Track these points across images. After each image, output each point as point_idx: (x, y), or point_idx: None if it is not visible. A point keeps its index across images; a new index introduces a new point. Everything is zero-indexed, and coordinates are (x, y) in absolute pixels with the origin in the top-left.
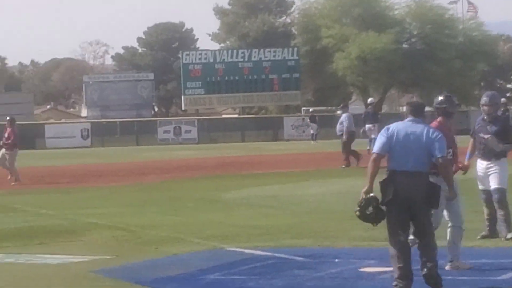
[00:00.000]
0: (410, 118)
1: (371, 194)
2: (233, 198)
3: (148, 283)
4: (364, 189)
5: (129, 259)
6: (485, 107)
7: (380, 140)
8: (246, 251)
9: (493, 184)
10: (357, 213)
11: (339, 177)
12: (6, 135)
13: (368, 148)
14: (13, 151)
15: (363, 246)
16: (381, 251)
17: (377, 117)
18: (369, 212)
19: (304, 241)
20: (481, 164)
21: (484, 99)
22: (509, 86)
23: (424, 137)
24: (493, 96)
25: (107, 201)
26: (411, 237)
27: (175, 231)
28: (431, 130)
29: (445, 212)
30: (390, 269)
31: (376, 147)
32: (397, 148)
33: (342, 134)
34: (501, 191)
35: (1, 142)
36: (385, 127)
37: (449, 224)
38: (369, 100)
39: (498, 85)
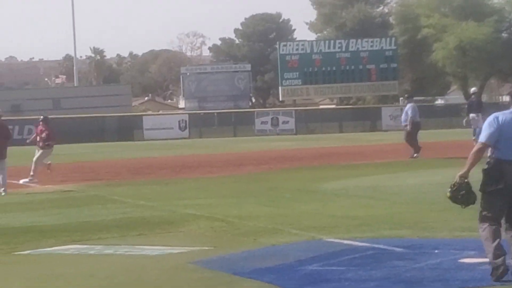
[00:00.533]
0: None
1: (466, 180)
2: (331, 188)
3: (246, 274)
4: (461, 173)
5: (227, 250)
6: None
7: (488, 130)
8: (345, 242)
9: None
10: (448, 194)
11: (438, 167)
12: (44, 135)
13: (473, 138)
14: (49, 149)
15: (463, 236)
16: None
17: (481, 107)
18: (461, 195)
19: (403, 231)
20: None
21: None
22: None
23: None
24: None
25: (205, 192)
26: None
27: (273, 222)
28: None
29: None
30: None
31: (483, 137)
32: (506, 138)
33: (406, 125)
34: None
35: (41, 143)
36: (494, 117)
37: None
38: (472, 89)
39: None
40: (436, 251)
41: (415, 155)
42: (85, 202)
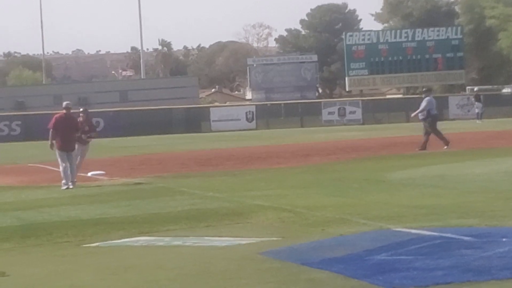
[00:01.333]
0: None
1: None
2: (399, 178)
3: (315, 264)
4: None
5: (296, 240)
6: None
7: None
8: (413, 231)
9: None
10: None
11: (506, 156)
12: (86, 128)
13: None
14: (89, 143)
15: None
16: None
17: None
18: None
19: (471, 220)
20: None
21: None
22: None
23: None
24: None
25: (272, 183)
26: None
27: (341, 212)
28: None
29: None
30: None
31: None
32: None
33: (424, 118)
34: None
35: (83, 135)
36: None
37: None
38: None
39: None
40: (504, 239)
41: (445, 147)
42: (153, 194)
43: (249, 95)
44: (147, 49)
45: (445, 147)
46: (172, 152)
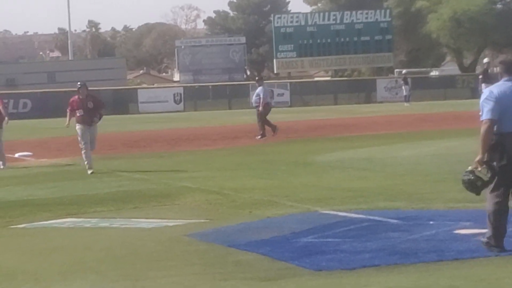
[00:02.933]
0: (507, 77)
1: (483, 167)
2: (326, 161)
3: (242, 246)
4: (478, 159)
5: (223, 222)
6: None
7: (488, 105)
8: (340, 213)
9: None
10: (466, 184)
11: (433, 139)
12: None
13: None
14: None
15: (458, 207)
16: (476, 212)
17: (492, 78)
18: (479, 184)
19: (398, 203)
20: None
21: None
22: None
23: None
24: None
25: (200, 165)
26: None
27: (269, 194)
28: None
29: None
30: (485, 231)
31: (487, 113)
32: (507, 110)
33: (257, 106)
34: None
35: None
36: (489, 91)
37: None
38: (485, 60)
39: None
40: (431, 222)
41: (258, 137)
42: (81, 175)
43: (177, 77)
44: (75, 30)
45: (259, 137)
46: (99, 133)
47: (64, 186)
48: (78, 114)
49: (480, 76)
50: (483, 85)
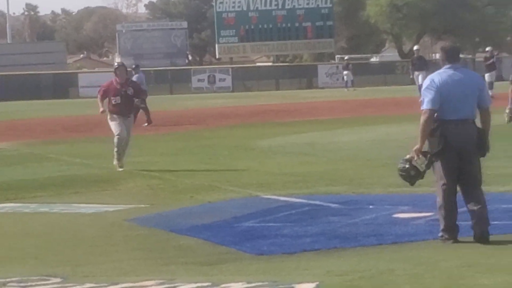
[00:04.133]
0: (448, 65)
1: (420, 156)
2: (268, 146)
3: (183, 231)
4: (416, 147)
5: (164, 207)
6: None
7: (429, 94)
8: (281, 198)
9: None
10: (400, 172)
11: (374, 124)
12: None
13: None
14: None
15: (397, 192)
16: (415, 197)
17: (425, 64)
18: (413, 173)
19: (339, 188)
20: None
21: None
22: None
23: (472, 83)
24: None
25: (141, 150)
26: None
27: (210, 179)
28: (476, 76)
29: None
30: (423, 215)
31: (427, 103)
32: (449, 98)
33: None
34: None
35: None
36: (430, 79)
37: None
38: (415, 47)
39: None
40: (370, 206)
41: (145, 124)
42: (20, 160)
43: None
44: (14, 13)
45: (146, 124)
46: (39, 118)
47: (2, 171)
48: (113, 102)
49: (411, 66)
50: (415, 72)
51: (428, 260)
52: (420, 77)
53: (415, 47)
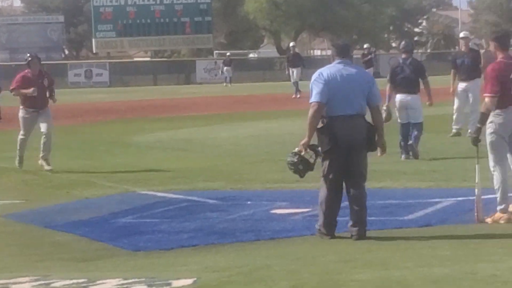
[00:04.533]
0: (338, 60)
1: (308, 150)
2: (146, 141)
3: (59, 227)
4: (303, 141)
5: (40, 203)
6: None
7: (317, 88)
8: (159, 194)
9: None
10: (289, 165)
11: (252, 120)
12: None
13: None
14: None
15: (275, 188)
16: (293, 193)
17: (300, 60)
18: (301, 167)
19: (217, 183)
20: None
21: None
22: (416, 30)
23: (362, 79)
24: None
25: (15, 144)
26: None
27: (87, 175)
28: (365, 73)
29: None
30: (301, 211)
31: (315, 97)
32: (337, 93)
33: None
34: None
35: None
36: (318, 73)
37: None
38: (291, 44)
39: (406, 29)
40: (248, 202)
41: None
42: None
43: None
44: None
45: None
46: None
47: None
48: (29, 95)
49: (286, 62)
50: (290, 69)
51: (305, 256)
52: (295, 74)
53: (291, 44)
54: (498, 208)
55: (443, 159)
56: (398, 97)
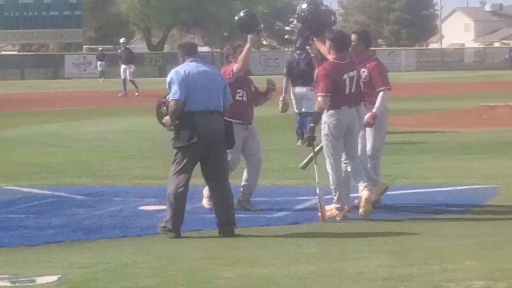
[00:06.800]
0: (190, 59)
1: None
2: (12, 136)
3: None
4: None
5: None
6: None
7: (176, 85)
8: (24, 189)
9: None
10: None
11: (120, 115)
12: None
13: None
14: None
15: (143, 184)
16: (161, 189)
17: (131, 58)
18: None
19: (84, 179)
20: None
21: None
22: (287, 28)
23: (219, 77)
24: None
25: None
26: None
27: None
28: (219, 72)
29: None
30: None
31: (174, 94)
32: (196, 89)
33: None
34: None
35: None
36: (174, 72)
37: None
38: (122, 40)
39: (277, 28)
40: (116, 198)
41: None
42: None
43: None
44: None
45: None
46: None
47: None
48: None
49: (119, 60)
50: (122, 66)
51: (172, 253)
52: (127, 71)
53: (121, 40)
54: (335, 206)
55: None
56: (295, 89)
